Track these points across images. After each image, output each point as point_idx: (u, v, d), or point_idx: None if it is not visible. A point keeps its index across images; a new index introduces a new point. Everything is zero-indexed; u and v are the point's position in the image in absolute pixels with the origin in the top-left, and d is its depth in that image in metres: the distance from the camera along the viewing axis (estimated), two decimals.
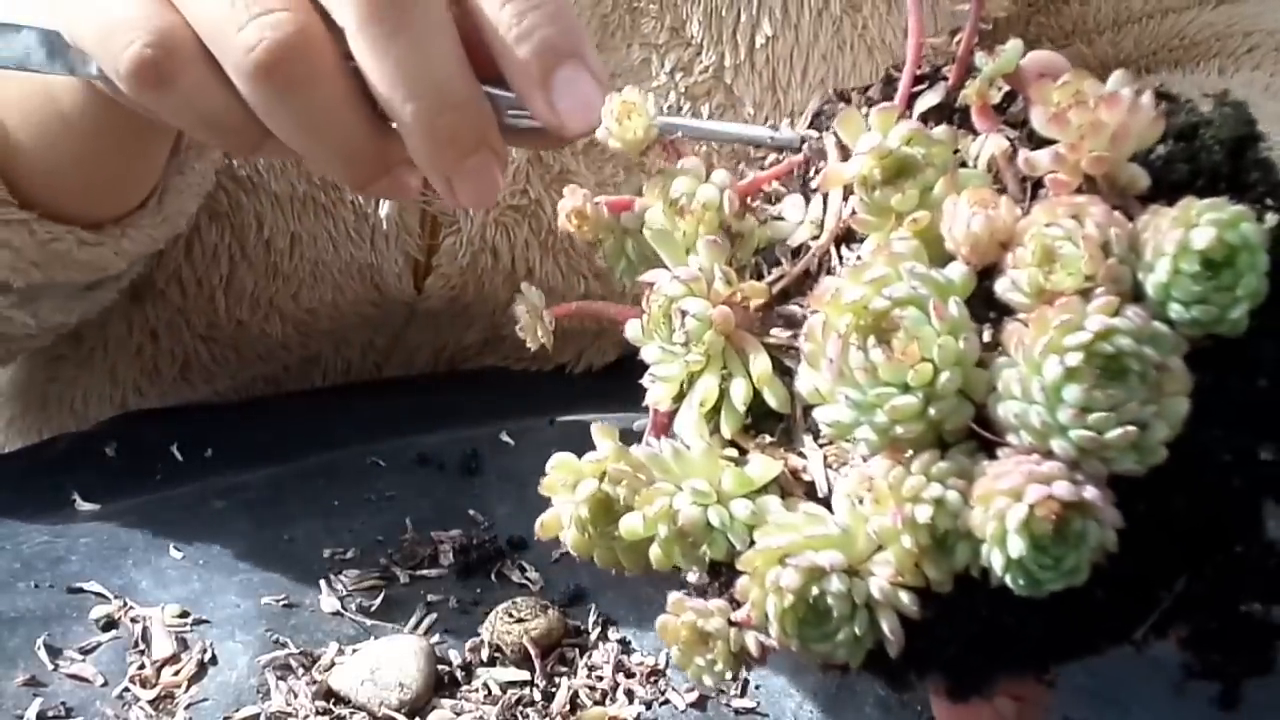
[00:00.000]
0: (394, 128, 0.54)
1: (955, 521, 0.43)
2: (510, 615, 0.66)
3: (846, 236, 0.48)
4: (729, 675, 0.48)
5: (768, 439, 0.48)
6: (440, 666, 0.65)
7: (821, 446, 0.47)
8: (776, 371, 0.47)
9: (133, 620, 0.67)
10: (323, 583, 0.70)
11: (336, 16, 0.53)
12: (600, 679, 0.65)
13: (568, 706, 0.63)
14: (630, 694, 0.64)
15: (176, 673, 0.65)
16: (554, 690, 0.64)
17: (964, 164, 0.46)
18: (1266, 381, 0.44)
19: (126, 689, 0.64)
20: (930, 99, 0.48)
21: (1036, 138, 0.45)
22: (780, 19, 0.83)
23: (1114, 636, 0.47)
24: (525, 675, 0.65)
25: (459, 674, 0.65)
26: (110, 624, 0.67)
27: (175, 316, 0.88)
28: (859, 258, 0.47)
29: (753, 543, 0.46)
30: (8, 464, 0.86)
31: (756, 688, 0.64)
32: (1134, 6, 0.96)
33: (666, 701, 0.64)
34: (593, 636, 0.67)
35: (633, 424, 0.52)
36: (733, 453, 0.48)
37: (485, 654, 0.66)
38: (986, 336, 0.43)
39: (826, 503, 0.46)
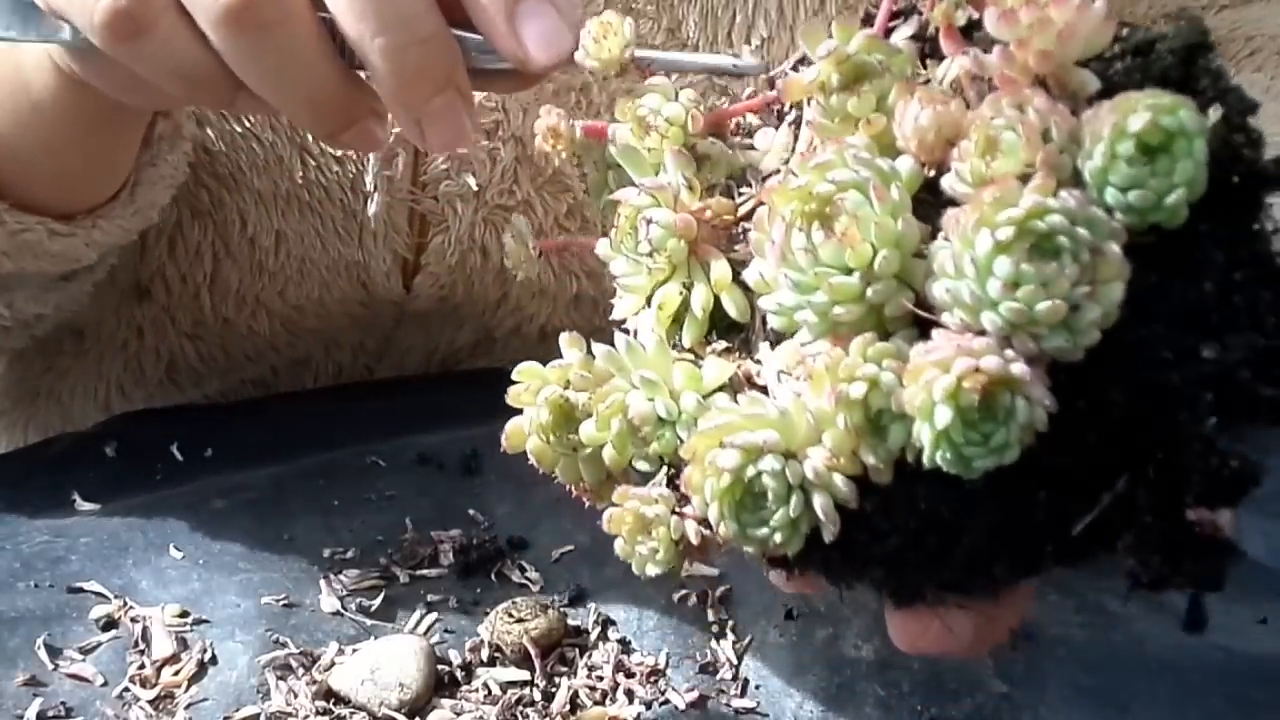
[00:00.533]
0: (363, 79, 0.55)
1: (889, 401, 0.43)
2: (510, 615, 0.66)
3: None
4: (670, 565, 0.48)
5: (723, 345, 0.48)
6: (440, 666, 0.65)
7: (775, 348, 0.47)
8: (737, 284, 0.48)
9: (133, 620, 0.67)
10: (323, 583, 0.70)
11: None
12: (600, 679, 0.65)
13: (568, 706, 0.63)
14: (630, 694, 0.64)
15: (176, 673, 0.65)
16: (554, 690, 0.64)
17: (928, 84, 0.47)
18: (1212, 286, 0.44)
19: (126, 689, 0.64)
20: (905, 31, 0.49)
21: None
22: (775, 20, 0.83)
23: (1055, 539, 0.46)
24: (525, 675, 0.65)
25: (459, 674, 0.65)
26: (110, 624, 0.67)
27: (160, 314, 0.88)
28: None
29: None
30: (7, 464, 0.86)
31: (756, 688, 0.65)
32: (1138, 11, 0.96)
33: (666, 701, 0.64)
34: (593, 636, 0.67)
35: None
36: (690, 358, 0.48)
37: (485, 654, 0.66)
38: (936, 238, 0.44)
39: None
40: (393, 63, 0.53)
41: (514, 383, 0.51)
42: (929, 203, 0.44)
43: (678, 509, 0.47)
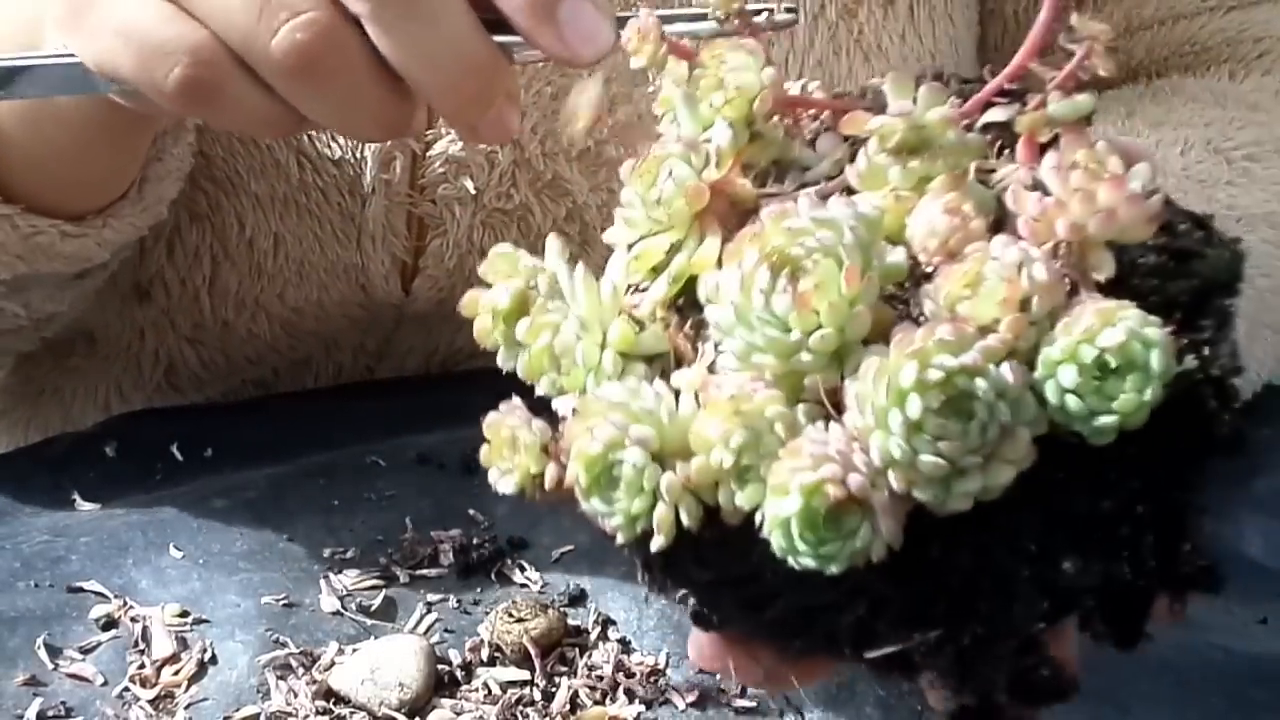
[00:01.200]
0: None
1: (760, 463, 0.43)
2: (510, 615, 0.66)
3: (855, 191, 0.48)
4: (521, 491, 0.49)
5: (675, 320, 0.48)
6: (440, 666, 0.65)
7: (716, 352, 0.47)
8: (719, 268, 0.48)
9: (133, 620, 0.67)
10: (323, 582, 0.70)
11: (349, 6, 0.54)
12: (600, 679, 0.65)
13: (568, 706, 0.63)
14: (630, 694, 0.64)
15: (176, 672, 0.65)
16: (554, 690, 0.64)
17: (988, 185, 0.47)
18: (1110, 507, 0.44)
19: (126, 689, 0.64)
20: (1000, 114, 0.48)
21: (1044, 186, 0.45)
22: None
23: (853, 645, 0.47)
24: (525, 675, 0.65)
25: (459, 674, 0.65)
26: (110, 623, 0.67)
27: (160, 317, 0.88)
28: None
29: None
30: (8, 463, 0.86)
31: None
32: (1145, 13, 0.96)
33: (666, 701, 0.64)
34: (593, 636, 0.67)
35: None
36: (644, 315, 0.49)
37: (485, 654, 0.66)
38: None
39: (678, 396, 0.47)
40: (447, 97, 0.56)
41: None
42: (914, 298, 0.44)
43: (550, 445, 0.48)
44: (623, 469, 0.45)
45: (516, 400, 0.49)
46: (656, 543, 0.45)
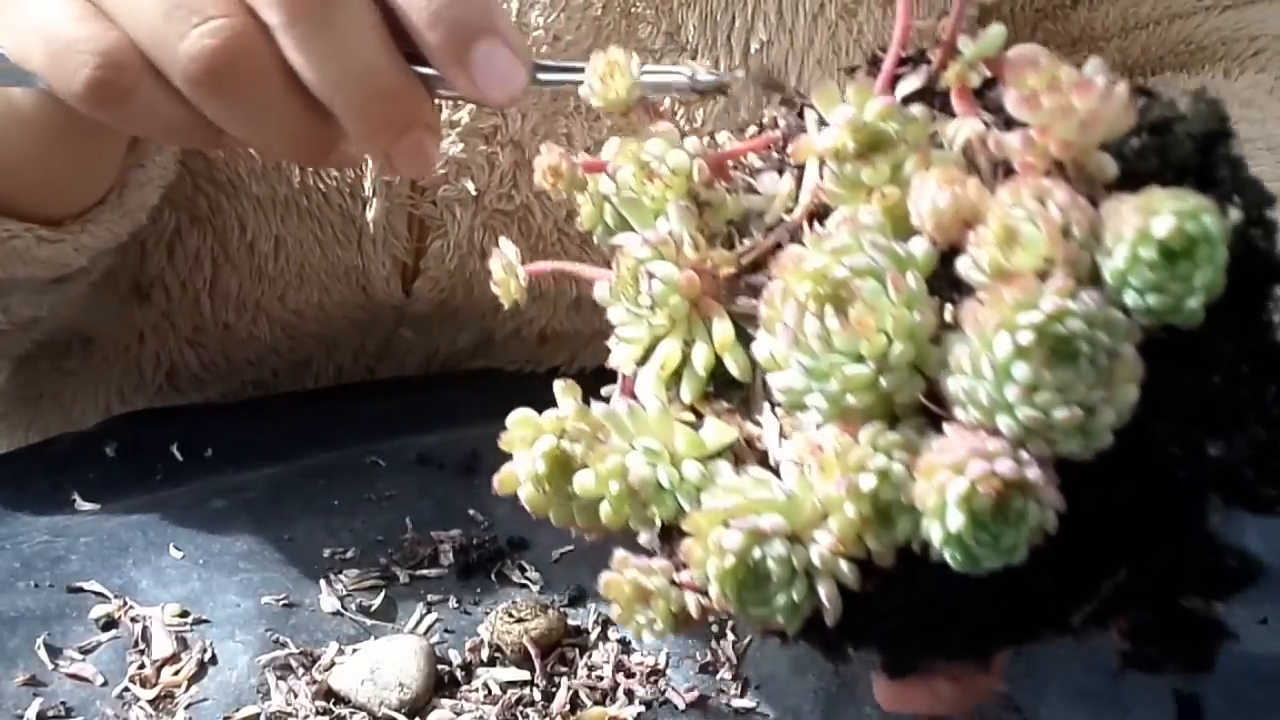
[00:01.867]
0: None
1: (898, 493, 0.43)
2: (510, 615, 0.66)
3: (820, 212, 0.48)
4: (667, 633, 0.48)
5: (725, 406, 0.48)
6: (440, 666, 0.65)
7: (779, 417, 0.47)
8: (740, 340, 0.48)
9: (133, 620, 0.67)
10: (323, 583, 0.70)
11: (263, 17, 0.54)
12: (600, 679, 0.65)
13: (568, 706, 0.63)
14: (630, 694, 0.64)
15: (176, 672, 0.65)
16: (554, 690, 0.64)
17: (939, 146, 0.47)
18: (1221, 379, 0.44)
19: (126, 689, 0.64)
20: (913, 82, 0.48)
21: (1011, 123, 0.45)
22: (775, 23, 0.84)
23: (1053, 623, 0.47)
24: (525, 675, 0.65)
25: (459, 674, 0.65)
26: (110, 624, 0.67)
27: (160, 319, 0.88)
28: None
29: (700, 505, 0.46)
30: (8, 464, 0.86)
31: (757, 688, 0.65)
32: (1141, 13, 0.96)
33: (666, 701, 0.64)
34: (593, 636, 0.67)
35: None
36: (690, 417, 0.48)
37: (485, 654, 0.66)
38: (948, 316, 0.44)
39: (778, 471, 0.46)
40: (355, 116, 0.55)
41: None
42: (941, 277, 0.44)
43: (675, 578, 0.47)
44: (767, 565, 0.44)
45: (621, 552, 0.48)
46: (830, 618, 0.45)
